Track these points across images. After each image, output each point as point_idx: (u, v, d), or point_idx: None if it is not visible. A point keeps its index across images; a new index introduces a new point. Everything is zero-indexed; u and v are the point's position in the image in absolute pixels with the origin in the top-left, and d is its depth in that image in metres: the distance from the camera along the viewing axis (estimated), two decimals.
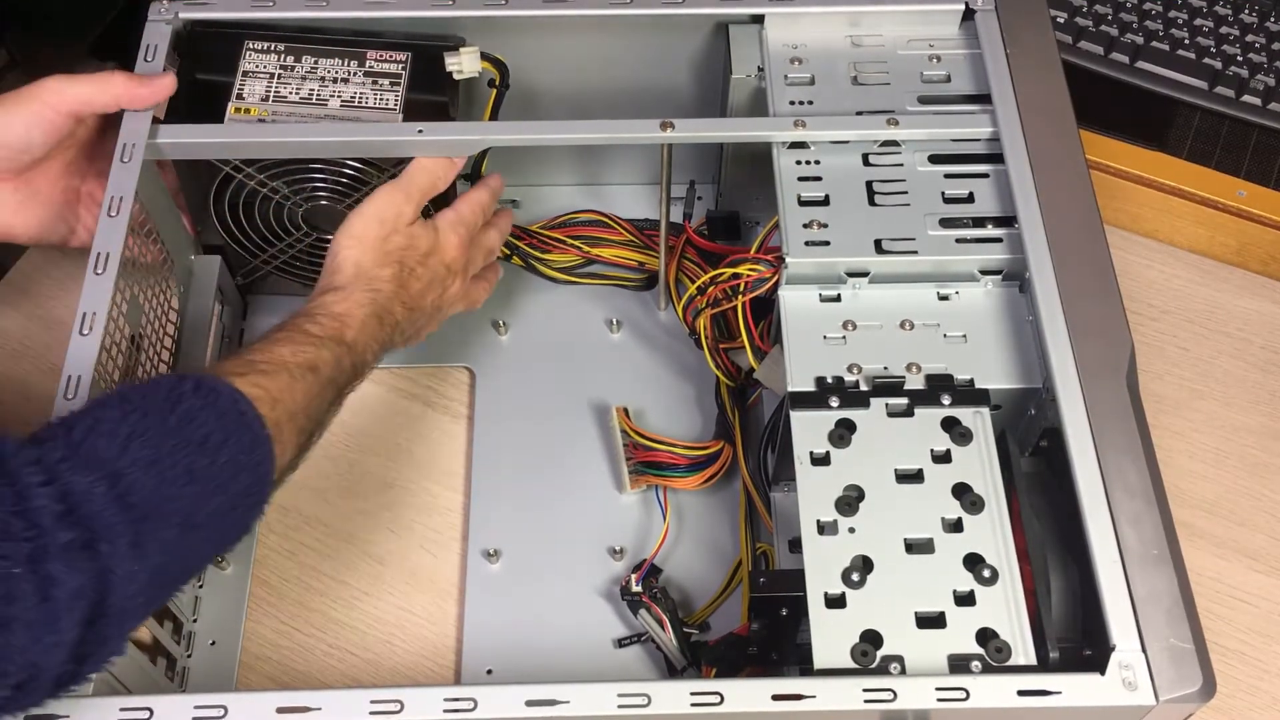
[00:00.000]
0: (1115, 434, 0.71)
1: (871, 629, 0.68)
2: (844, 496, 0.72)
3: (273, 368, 0.70)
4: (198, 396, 0.64)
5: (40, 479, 0.58)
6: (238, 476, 0.65)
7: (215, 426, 0.64)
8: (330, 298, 0.76)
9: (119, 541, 0.59)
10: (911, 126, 0.83)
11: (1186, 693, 0.64)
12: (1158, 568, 0.67)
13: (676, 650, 0.82)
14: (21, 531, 0.56)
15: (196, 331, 0.89)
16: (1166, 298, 1.03)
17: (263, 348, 0.71)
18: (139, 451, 0.61)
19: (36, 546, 0.56)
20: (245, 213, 0.88)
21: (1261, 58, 1.09)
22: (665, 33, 0.90)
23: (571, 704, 0.64)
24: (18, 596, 0.55)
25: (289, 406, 0.69)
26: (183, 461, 0.62)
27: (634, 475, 0.89)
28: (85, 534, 0.58)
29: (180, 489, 0.62)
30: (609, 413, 0.92)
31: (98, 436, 0.61)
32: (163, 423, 0.62)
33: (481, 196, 0.86)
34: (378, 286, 0.78)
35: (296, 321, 0.74)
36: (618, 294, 1.00)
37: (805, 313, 0.79)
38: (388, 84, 0.85)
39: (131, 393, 0.64)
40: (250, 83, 0.85)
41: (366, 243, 0.79)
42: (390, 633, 0.85)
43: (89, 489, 0.58)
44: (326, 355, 0.73)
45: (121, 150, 0.79)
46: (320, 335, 0.74)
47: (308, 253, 0.91)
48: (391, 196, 0.80)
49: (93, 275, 0.75)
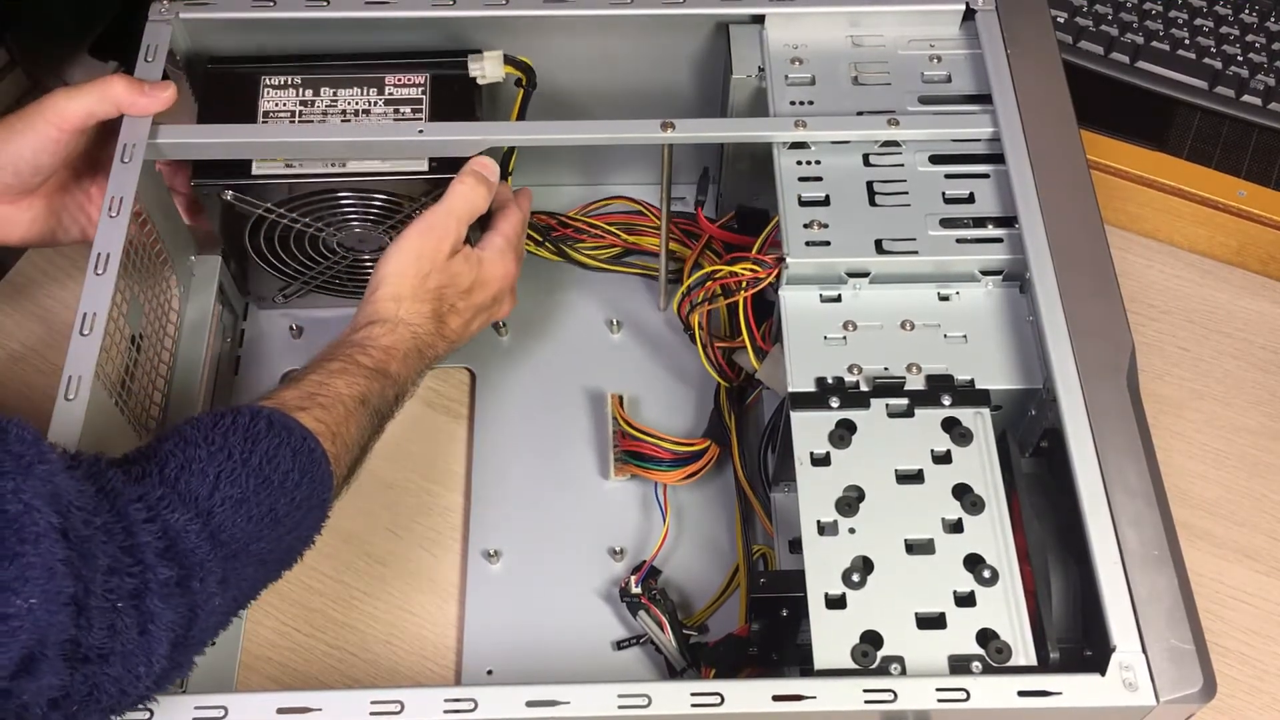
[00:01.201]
0: (1116, 434, 0.71)
1: (872, 629, 0.68)
2: (844, 497, 0.72)
3: (331, 401, 0.72)
4: (273, 435, 0.67)
5: (144, 516, 0.60)
6: (309, 514, 0.69)
7: (292, 465, 0.67)
8: (378, 330, 0.78)
9: (210, 579, 0.62)
10: (912, 127, 0.83)
11: (1187, 693, 0.64)
12: (1158, 568, 0.67)
13: (676, 651, 0.82)
14: (128, 567, 0.58)
15: (196, 331, 0.89)
16: (1166, 298, 1.03)
17: (321, 379, 0.73)
18: (228, 490, 0.63)
19: (140, 582, 0.58)
20: (282, 246, 0.88)
21: (1262, 58, 1.09)
22: (666, 33, 0.90)
23: (572, 705, 0.64)
24: (120, 630, 0.58)
25: (345, 440, 0.72)
26: (266, 501, 0.65)
27: (619, 463, 0.90)
28: (181, 571, 0.60)
29: (264, 528, 0.65)
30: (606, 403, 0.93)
31: (190, 475, 0.63)
32: (246, 462, 0.65)
33: (519, 219, 0.87)
34: (418, 324, 0.79)
35: (350, 352, 0.76)
36: (619, 294, 1.00)
37: (806, 313, 0.79)
38: (409, 111, 0.85)
39: (212, 430, 0.66)
40: (273, 121, 0.84)
41: (405, 280, 0.79)
42: (390, 633, 0.85)
43: (185, 526, 0.61)
44: (375, 387, 0.75)
45: (122, 151, 0.79)
46: (371, 367, 0.75)
47: (348, 271, 0.91)
48: (429, 233, 0.80)
49: (93, 275, 0.75)
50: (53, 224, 0.84)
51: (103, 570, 0.57)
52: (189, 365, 0.87)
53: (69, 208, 0.84)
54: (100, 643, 0.57)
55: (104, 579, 0.57)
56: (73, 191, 0.84)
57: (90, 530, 0.57)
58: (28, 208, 0.82)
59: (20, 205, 0.82)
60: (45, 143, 0.78)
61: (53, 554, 0.55)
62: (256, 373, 0.95)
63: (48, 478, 0.56)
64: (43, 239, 0.84)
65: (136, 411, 0.78)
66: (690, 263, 0.97)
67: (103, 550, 0.57)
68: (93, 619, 0.56)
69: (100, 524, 0.58)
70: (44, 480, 0.56)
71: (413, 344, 0.79)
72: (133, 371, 0.78)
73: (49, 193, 0.83)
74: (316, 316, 0.97)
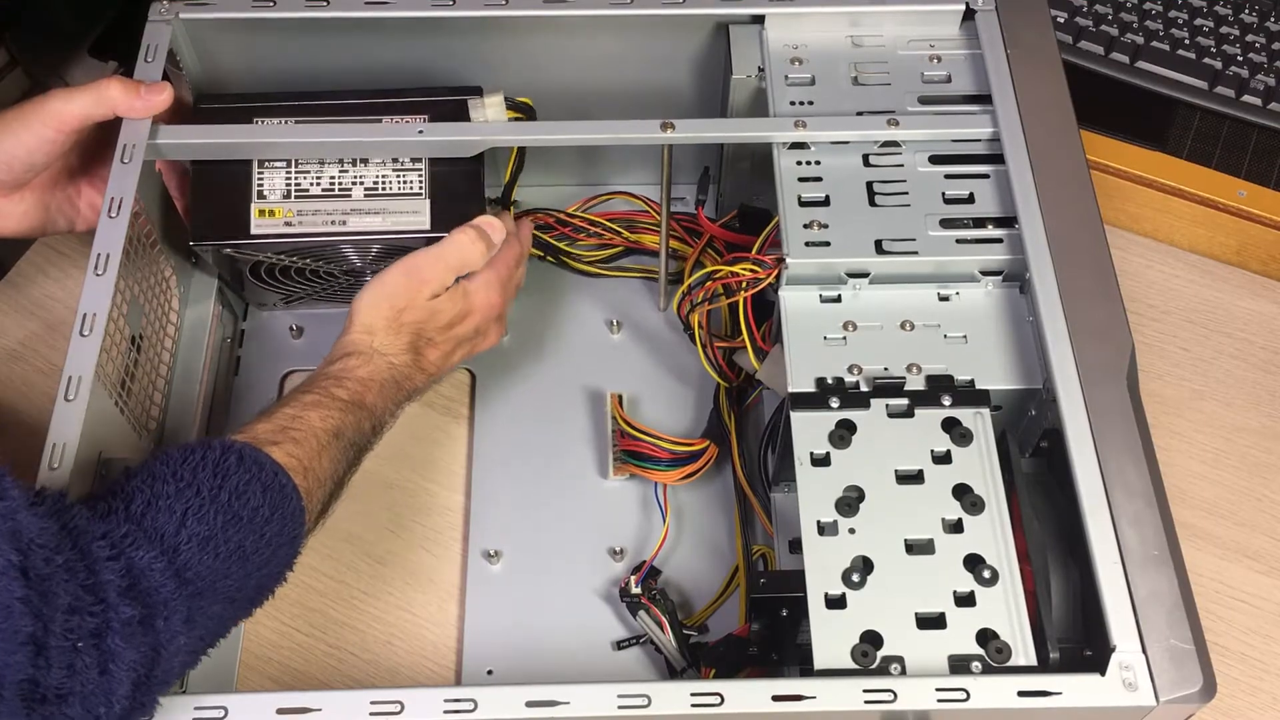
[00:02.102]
0: (1116, 435, 0.71)
1: (872, 629, 0.68)
2: (844, 497, 0.72)
3: (304, 435, 0.71)
4: (243, 470, 0.66)
5: (108, 553, 0.59)
6: (279, 551, 0.68)
7: (262, 501, 0.66)
8: (354, 362, 0.77)
9: (174, 618, 0.61)
10: (912, 127, 0.83)
11: (1187, 693, 0.64)
12: (1158, 568, 0.67)
13: (676, 651, 0.82)
14: (89, 606, 0.57)
15: (196, 332, 0.89)
16: (1166, 298, 1.03)
17: (294, 413, 0.73)
18: (195, 528, 0.63)
19: (101, 621, 0.58)
20: (283, 274, 0.88)
21: (1262, 58, 1.09)
22: (666, 33, 0.90)
23: (572, 705, 0.64)
24: (79, 670, 0.57)
25: (318, 474, 0.71)
26: (234, 538, 0.64)
27: (618, 463, 0.90)
28: (144, 610, 0.59)
29: (231, 565, 0.64)
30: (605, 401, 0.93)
31: (157, 512, 0.62)
32: (214, 499, 0.64)
33: (516, 253, 0.87)
34: (393, 357, 0.79)
35: (325, 385, 0.76)
36: (619, 295, 1.00)
37: (806, 313, 0.79)
38: (409, 162, 0.84)
39: (181, 466, 0.65)
40: (269, 175, 0.84)
41: (379, 313, 0.79)
42: (390, 633, 0.85)
43: (150, 564, 0.60)
44: (350, 420, 0.75)
45: (121, 151, 0.79)
46: (346, 400, 0.75)
47: (351, 287, 0.91)
48: (413, 274, 0.80)
49: (93, 276, 0.75)
50: (43, 216, 0.84)
51: (63, 609, 0.56)
52: (189, 365, 0.87)
53: (59, 201, 0.85)
54: (59, 683, 0.56)
55: (64, 618, 0.56)
56: (64, 186, 0.85)
57: (51, 569, 0.56)
58: (19, 201, 0.82)
59: (12, 199, 0.82)
60: (40, 142, 0.78)
61: (10, 592, 0.54)
62: (257, 373, 0.95)
63: (8, 514, 0.56)
64: (32, 230, 0.84)
65: (136, 412, 0.78)
66: (691, 262, 0.97)
67: (64, 589, 0.56)
68: (51, 659, 0.55)
69: (61, 562, 0.57)
70: (5, 516, 0.56)
71: (389, 375, 0.78)
72: (133, 372, 0.78)
73: (41, 187, 0.83)
74: (317, 315, 0.97)
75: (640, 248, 1.00)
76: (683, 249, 0.98)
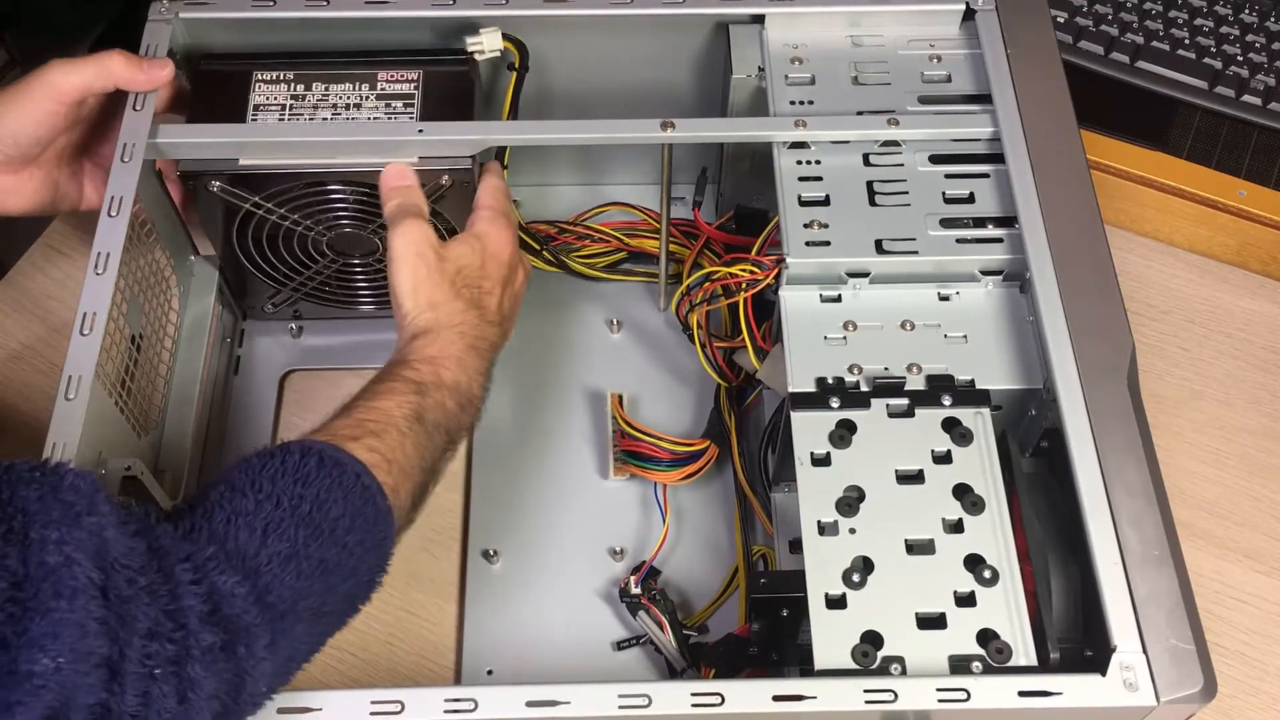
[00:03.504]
0: (1116, 434, 0.71)
1: (872, 630, 0.68)
2: (844, 497, 0.72)
3: (381, 426, 0.68)
4: (323, 474, 0.63)
5: (191, 577, 0.57)
6: (365, 559, 0.65)
7: (344, 509, 0.63)
8: (421, 342, 0.74)
9: (256, 644, 0.59)
10: (912, 126, 0.83)
11: (1187, 693, 0.64)
12: (1159, 568, 0.67)
13: (676, 652, 0.82)
14: (169, 632, 0.56)
15: (196, 331, 0.89)
16: (1166, 298, 1.03)
17: (368, 403, 0.70)
18: (276, 545, 0.61)
19: (180, 649, 0.56)
20: (270, 246, 0.88)
21: (1262, 57, 1.09)
22: (666, 32, 0.90)
23: (572, 705, 0.64)
24: (155, 698, 0.55)
25: (403, 465, 0.68)
26: (316, 553, 0.62)
27: (618, 463, 0.90)
28: (226, 636, 0.58)
29: (314, 582, 0.62)
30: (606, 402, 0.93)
31: (238, 530, 0.60)
32: (295, 510, 0.62)
33: (496, 183, 0.84)
34: (458, 321, 0.76)
35: (395, 370, 0.73)
36: (619, 295, 1.00)
37: (806, 313, 0.79)
38: (401, 105, 0.84)
39: (259, 475, 0.63)
40: (263, 116, 0.84)
41: (421, 282, 0.76)
42: (390, 633, 0.85)
43: (232, 590, 0.58)
44: (429, 402, 0.71)
45: (122, 150, 0.79)
46: (420, 381, 0.72)
47: (337, 278, 0.91)
48: (410, 235, 0.77)
49: (93, 275, 0.75)
50: (53, 193, 0.84)
51: (141, 634, 0.54)
52: (189, 365, 0.87)
53: (66, 177, 0.85)
54: (133, 710, 0.54)
55: (142, 643, 0.54)
56: (70, 162, 0.85)
57: (133, 590, 0.55)
58: (29, 178, 0.82)
59: (22, 175, 0.82)
60: (43, 115, 0.78)
61: (88, 611, 0.52)
62: (257, 373, 0.95)
63: (96, 531, 0.54)
64: (43, 208, 0.84)
65: (136, 411, 0.78)
66: (689, 263, 0.97)
67: (144, 613, 0.55)
68: (125, 684, 0.54)
69: (145, 584, 0.55)
70: (91, 533, 0.54)
71: (462, 343, 0.75)
72: (133, 371, 0.78)
73: (49, 162, 0.83)
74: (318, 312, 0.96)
75: (641, 252, 1.00)
76: (680, 251, 0.98)
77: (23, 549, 0.52)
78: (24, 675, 0.50)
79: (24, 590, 0.51)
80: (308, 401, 0.94)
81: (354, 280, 0.92)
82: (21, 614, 0.51)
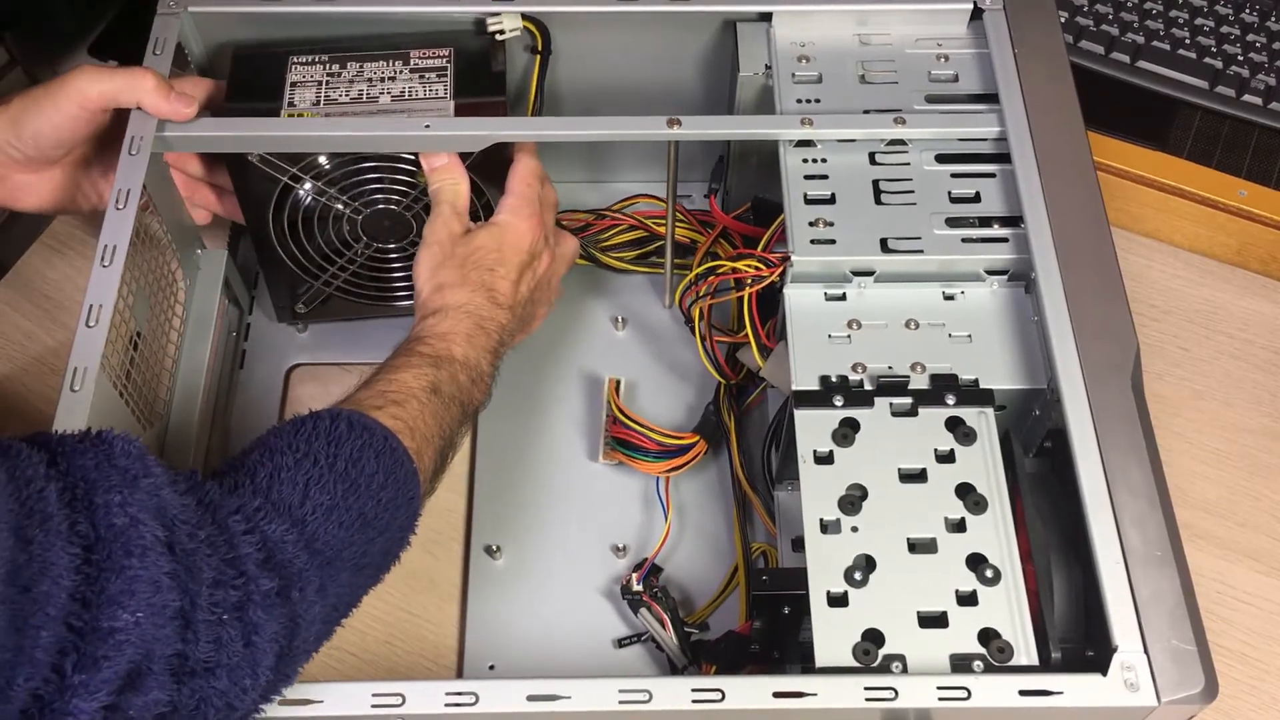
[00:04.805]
0: (1119, 435, 0.71)
1: (874, 628, 0.68)
2: (847, 495, 0.72)
3: (403, 396, 0.72)
4: (354, 436, 0.67)
5: (244, 527, 0.60)
6: (397, 515, 0.68)
7: (376, 467, 0.66)
8: (431, 320, 0.78)
9: (308, 588, 0.62)
10: (918, 125, 0.83)
11: (1188, 694, 0.64)
12: (1160, 569, 0.67)
13: (677, 649, 0.82)
14: (232, 579, 0.58)
15: (202, 325, 0.89)
16: (1167, 298, 1.03)
17: (388, 376, 0.73)
18: (318, 498, 0.64)
19: (243, 594, 0.58)
20: (305, 229, 0.88)
21: (1262, 57, 1.09)
22: (673, 30, 0.90)
23: (573, 699, 0.64)
24: (225, 643, 0.58)
25: (424, 432, 0.72)
26: (355, 506, 0.65)
27: (607, 448, 0.90)
28: (282, 581, 0.60)
29: (354, 533, 0.65)
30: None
31: (281, 484, 0.63)
32: (332, 467, 0.65)
33: (530, 164, 0.85)
34: (464, 300, 0.79)
35: (409, 346, 0.76)
36: (623, 291, 1.00)
37: (810, 311, 0.79)
38: (435, 76, 0.85)
39: (295, 438, 0.66)
40: (300, 91, 0.84)
41: (437, 269, 0.80)
42: (389, 633, 0.85)
43: (282, 536, 0.61)
44: (444, 375, 0.75)
45: (129, 143, 0.79)
46: (433, 355, 0.76)
47: (368, 269, 0.91)
48: (435, 225, 0.82)
49: (99, 267, 0.75)
50: (72, 193, 0.85)
51: (207, 583, 0.57)
52: (194, 358, 0.87)
53: (88, 180, 0.85)
54: (206, 656, 0.57)
55: (209, 592, 0.57)
56: (92, 165, 0.85)
57: (195, 543, 0.57)
58: (49, 178, 0.83)
59: (42, 175, 0.83)
60: (66, 119, 0.79)
61: (159, 567, 0.55)
62: (261, 366, 0.96)
63: (153, 491, 0.57)
64: (60, 207, 0.86)
65: (141, 404, 0.78)
66: (702, 252, 0.96)
67: (207, 563, 0.57)
68: (199, 632, 0.56)
69: (204, 537, 0.58)
70: (150, 494, 0.57)
71: (470, 321, 0.78)
72: (138, 363, 0.78)
73: (70, 165, 0.84)
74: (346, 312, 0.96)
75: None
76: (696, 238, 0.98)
77: (90, 514, 0.55)
78: (106, 632, 0.53)
79: (97, 552, 0.54)
80: (313, 396, 0.94)
81: (389, 270, 0.91)
82: (98, 575, 0.53)
